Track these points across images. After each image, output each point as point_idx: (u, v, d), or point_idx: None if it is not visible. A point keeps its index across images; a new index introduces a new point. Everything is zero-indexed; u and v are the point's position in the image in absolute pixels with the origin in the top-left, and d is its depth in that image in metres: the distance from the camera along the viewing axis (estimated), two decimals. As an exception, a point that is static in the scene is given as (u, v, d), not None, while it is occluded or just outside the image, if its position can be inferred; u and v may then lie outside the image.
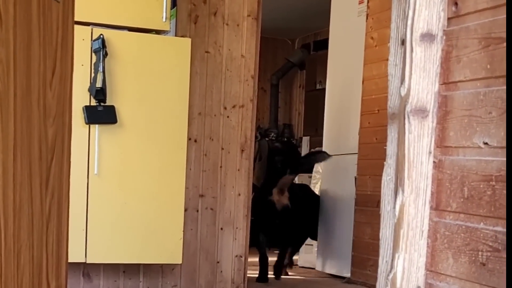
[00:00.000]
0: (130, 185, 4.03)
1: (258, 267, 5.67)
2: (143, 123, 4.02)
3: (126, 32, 3.96)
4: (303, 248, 6.56)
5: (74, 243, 3.98)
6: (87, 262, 4.03)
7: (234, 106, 4.59)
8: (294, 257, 6.44)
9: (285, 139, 7.73)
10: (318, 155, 5.88)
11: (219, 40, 4.50)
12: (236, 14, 4.53)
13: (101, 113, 3.91)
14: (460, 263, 1.76)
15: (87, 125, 3.90)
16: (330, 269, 6.03)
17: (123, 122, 3.97)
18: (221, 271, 4.68)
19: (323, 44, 6.20)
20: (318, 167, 6.23)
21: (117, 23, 3.93)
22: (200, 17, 4.45)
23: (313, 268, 6.32)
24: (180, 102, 4.08)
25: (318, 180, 6.31)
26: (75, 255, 4.00)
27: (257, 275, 5.58)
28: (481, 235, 1.70)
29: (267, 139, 7.20)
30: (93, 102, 3.88)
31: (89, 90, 3.87)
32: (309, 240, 6.53)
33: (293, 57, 7.94)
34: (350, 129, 5.68)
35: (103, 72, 3.83)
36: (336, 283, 5.66)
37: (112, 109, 3.92)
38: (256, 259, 5.63)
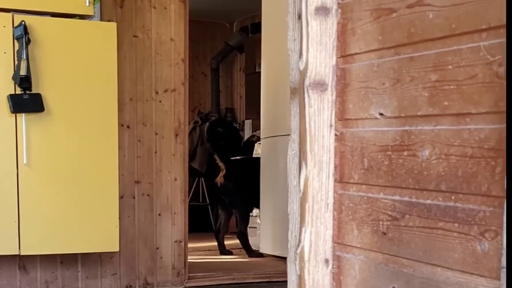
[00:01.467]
0: (62, 173, 3.98)
1: (198, 252, 5.80)
2: (71, 110, 3.96)
3: (48, 18, 3.89)
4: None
5: (7, 236, 3.93)
6: (21, 254, 3.97)
7: (166, 91, 4.56)
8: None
9: (227, 122, 7.71)
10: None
11: (147, 24, 4.46)
12: (163, -3, 4.50)
13: (27, 102, 3.84)
14: (364, 233, 1.78)
15: (14, 114, 3.83)
16: (274, 251, 6.05)
17: (50, 110, 3.91)
18: (161, 257, 4.66)
19: (261, 27, 6.19)
20: (258, 149, 6.24)
21: (39, 9, 3.86)
22: (126, 0, 4.40)
23: (258, 251, 6.34)
24: (109, 88, 4.03)
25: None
26: (8, 247, 3.94)
27: (197, 260, 5.62)
28: (381, 205, 1.72)
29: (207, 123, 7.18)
30: (18, 91, 3.82)
31: (13, 78, 3.79)
32: (253, 223, 6.54)
33: (232, 40, 7.91)
34: (286, 110, 5.67)
35: (27, 59, 3.76)
36: (279, 264, 5.69)
37: (38, 97, 3.86)
38: (197, 245, 5.78)
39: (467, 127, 1.45)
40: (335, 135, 1.84)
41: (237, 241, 6.22)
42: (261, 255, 6.05)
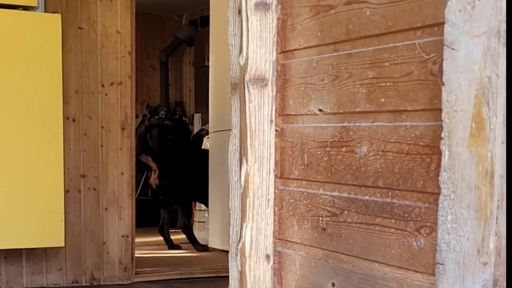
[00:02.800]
0: (6, 167, 3.91)
1: (147, 247, 5.89)
2: (16, 103, 3.90)
3: (-9, 9, 3.82)
4: (196, 225, 6.56)
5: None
6: (-36, 249, 3.91)
7: (112, 84, 4.51)
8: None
9: (177, 117, 7.67)
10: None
11: (92, 15, 4.40)
12: (109, -11, 4.44)
13: (-32, 95, 3.77)
14: (304, 229, 1.78)
15: (-46, 107, 3.76)
16: (222, 245, 6.04)
17: (-7, 103, 3.84)
18: (108, 252, 4.62)
19: (209, 20, 6.17)
20: (206, 143, 6.22)
21: (-19, 0, 3.78)
22: (71, -8, 4.34)
23: (206, 245, 6.33)
24: (54, 81, 3.97)
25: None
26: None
27: (145, 255, 5.61)
28: (321, 200, 1.72)
29: (156, 117, 7.13)
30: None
31: (-47, 70, 3.72)
32: (202, 218, 6.53)
33: (181, 33, 7.85)
34: (235, 104, 5.65)
35: (-33, 50, 3.69)
36: (228, 258, 5.67)
37: (-20, 90, 3.79)
38: (145, 239, 5.80)
39: (403, 124, 1.46)
40: (276, 130, 1.84)
41: (184, 236, 6.22)
42: (207, 248, 6.05)
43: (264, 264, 1.87)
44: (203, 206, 6.49)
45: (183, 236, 6.28)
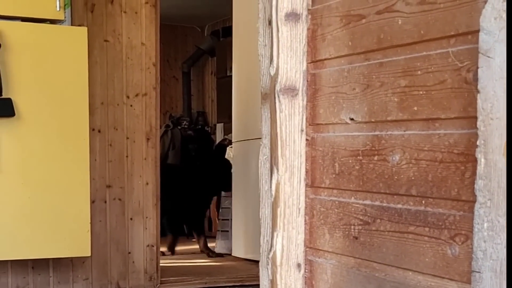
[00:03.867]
0: (33, 178, 3.95)
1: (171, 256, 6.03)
2: (42, 115, 3.93)
3: (19, 22, 3.86)
4: (219, 234, 6.57)
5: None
6: (-6, 259, 3.95)
7: (137, 95, 4.54)
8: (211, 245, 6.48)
9: (199, 127, 7.71)
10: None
11: (117, 28, 4.44)
12: (134, 2, 4.48)
13: (-3, 106, 3.81)
14: (336, 238, 1.79)
15: (-16, 120, 3.81)
16: (246, 254, 6.05)
17: (21, 115, 3.88)
18: (133, 262, 4.64)
19: (232, 30, 6.20)
20: (229, 153, 6.24)
21: (9, 14, 3.82)
22: (97, 5, 4.38)
23: (230, 254, 6.34)
24: (80, 92, 4.01)
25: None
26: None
27: (169, 265, 5.65)
28: (352, 209, 1.73)
29: (179, 127, 7.17)
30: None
31: (-17, 83, 3.77)
32: (226, 226, 6.54)
33: (203, 44, 7.90)
34: (258, 114, 5.67)
35: (-4, 63, 3.74)
36: (252, 267, 5.69)
37: (8, 102, 3.83)
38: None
39: (437, 132, 1.47)
40: (306, 140, 1.85)
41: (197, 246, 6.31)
42: (221, 255, 6.13)
43: (295, 273, 1.88)
44: (225, 216, 6.51)
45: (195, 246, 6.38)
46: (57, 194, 4.00)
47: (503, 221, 1.25)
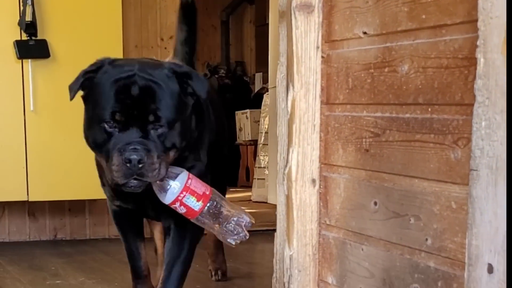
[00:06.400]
0: (69, 119, 4.00)
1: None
2: (77, 56, 3.98)
3: (54, -37, 3.93)
4: (255, 182, 6.64)
5: (15, 182, 4.00)
6: (30, 200, 4.05)
7: (171, 37, 4.56)
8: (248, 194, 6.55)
9: (237, 76, 7.74)
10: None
11: (152, -31, 4.48)
12: None
13: (33, 48, 3.89)
14: (348, 152, 1.83)
15: (20, 61, 3.90)
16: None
17: (56, 56, 3.96)
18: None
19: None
20: (266, 100, 6.28)
21: (43, -45, 3.89)
22: None
23: (266, 202, 6.41)
24: (114, 35, 4.07)
25: (266, 113, 6.36)
26: (16, 193, 4.02)
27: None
28: (364, 122, 1.76)
29: (216, 76, 7.21)
30: (24, 37, 3.87)
31: (19, 24, 3.85)
32: (262, 175, 6.60)
33: (242, -9, 7.91)
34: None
35: (32, 5, 3.81)
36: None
37: (44, 43, 3.91)
38: None
39: (443, 38, 1.49)
40: (322, 57, 1.88)
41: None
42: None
43: (310, 188, 1.93)
44: (263, 163, 6.55)
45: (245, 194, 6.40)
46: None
47: (499, 118, 1.28)
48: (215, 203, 2.11)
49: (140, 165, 2.03)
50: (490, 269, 1.32)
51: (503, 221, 1.29)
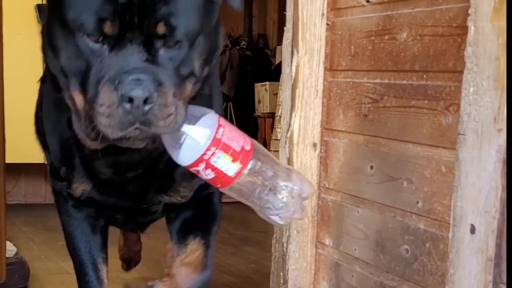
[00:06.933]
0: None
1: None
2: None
3: None
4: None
5: (32, 144, 4.06)
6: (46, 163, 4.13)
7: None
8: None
9: (259, 48, 7.75)
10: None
11: None
12: None
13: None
14: (348, 117, 1.88)
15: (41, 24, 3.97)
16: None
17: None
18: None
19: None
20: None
21: None
22: None
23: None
24: None
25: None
26: (33, 156, 4.07)
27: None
28: (364, 88, 1.81)
29: (237, 47, 7.25)
30: (45, 1, 3.94)
31: (41, -13, 3.93)
32: (277, 147, 6.64)
33: (266, -36, 7.90)
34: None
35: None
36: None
37: None
38: None
39: (440, 7, 1.54)
40: (327, 24, 1.93)
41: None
42: None
43: (311, 152, 1.98)
44: (279, 136, 6.60)
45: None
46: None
47: (486, 84, 1.33)
48: (259, 163, 1.41)
49: (147, 107, 1.25)
50: (473, 229, 1.38)
51: (487, 183, 1.34)
